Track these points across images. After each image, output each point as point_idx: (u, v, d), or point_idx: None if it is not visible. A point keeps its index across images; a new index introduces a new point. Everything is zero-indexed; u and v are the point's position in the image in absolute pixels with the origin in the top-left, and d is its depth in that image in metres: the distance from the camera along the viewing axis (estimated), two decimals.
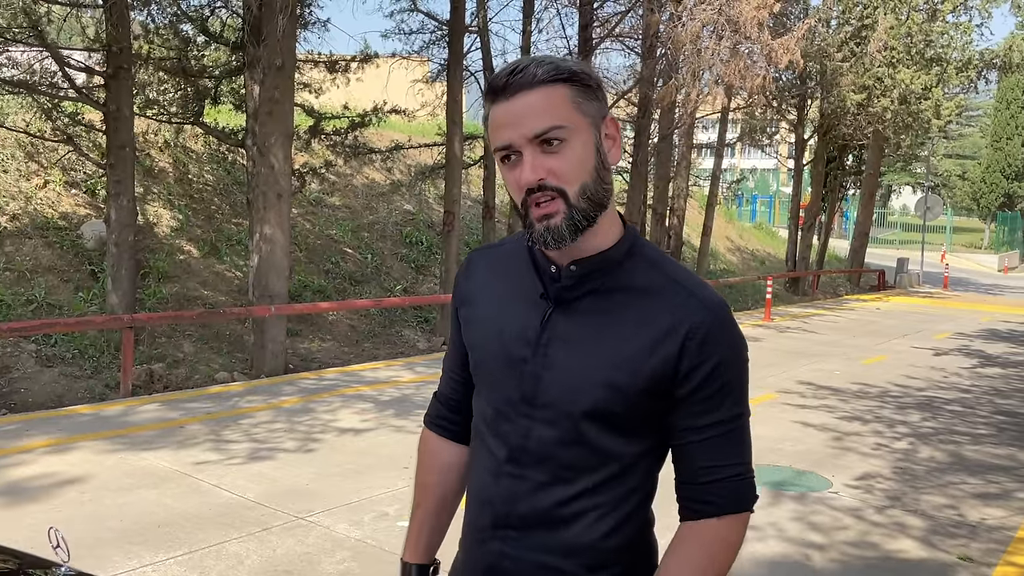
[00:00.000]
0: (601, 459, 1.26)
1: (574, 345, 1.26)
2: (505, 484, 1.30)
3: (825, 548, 4.58)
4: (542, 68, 1.21)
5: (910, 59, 19.40)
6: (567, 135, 1.21)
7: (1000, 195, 45.18)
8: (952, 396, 9.03)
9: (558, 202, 1.21)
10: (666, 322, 1.23)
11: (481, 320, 1.38)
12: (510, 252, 1.39)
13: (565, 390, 1.25)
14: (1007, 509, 5.40)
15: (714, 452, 1.26)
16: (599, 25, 13.62)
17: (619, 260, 1.28)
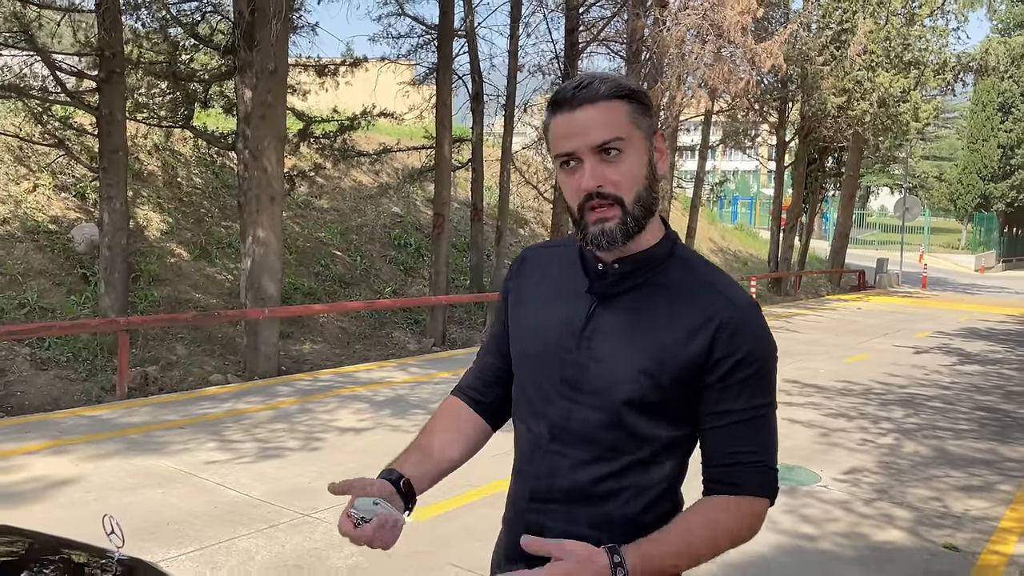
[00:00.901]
0: (638, 442, 1.38)
1: (616, 337, 1.38)
2: (546, 460, 1.42)
3: (817, 539, 4.74)
4: (605, 85, 1.33)
5: (889, 62, 19.73)
6: (624, 147, 1.33)
7: (976, 196, 45.83)
8: (933, 393, 9.25)
9: (615, 209, 1.33)
10: (700, 317, 1.35)
11: (529, 312, 1.49)
12: (560, 251, 1.52)
13: (607, 378, 1.37)
14: (990, 500, 5.58)
15: (737, 438, 1.36)
16: (585, 30, 13.78)
17: (660, 259, 1.40)
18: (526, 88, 14.86)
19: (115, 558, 1.89)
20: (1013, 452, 6.87)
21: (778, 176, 23.50)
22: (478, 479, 4.88)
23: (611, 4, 14.16)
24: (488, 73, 13.76)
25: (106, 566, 1.87)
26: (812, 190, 24.76)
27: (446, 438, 1.57)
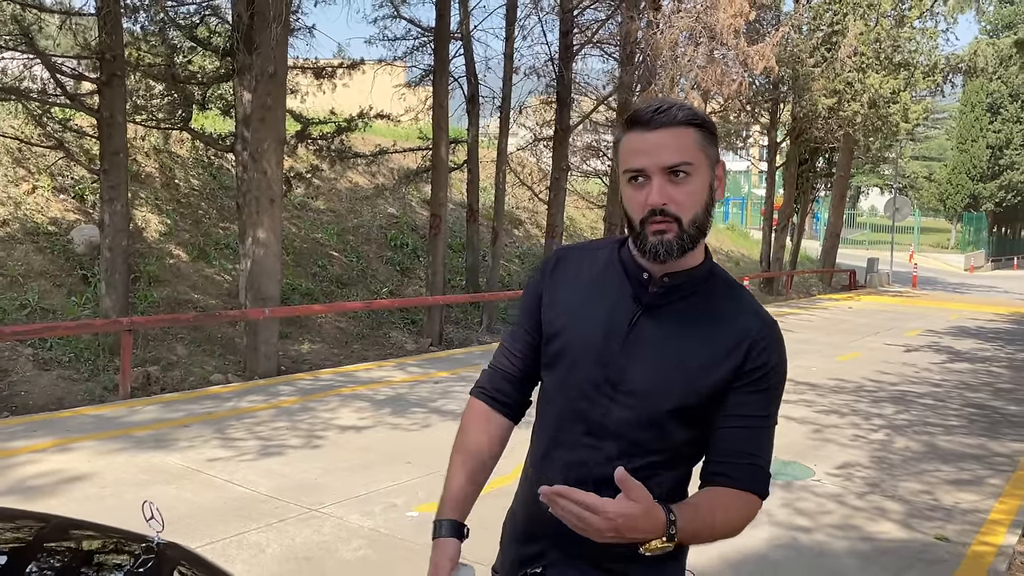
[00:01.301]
0: (668, 442, 1.50)
1: (660, 346, 1.49)
2: (581, 453, 1.52)
3: (812, 531, 4.87)
4: (682, 112, 1.45)
5: (879, 64, 19.92)
6: (691, 171, 1.44)
7: (966, 196, 46.19)
8: (924, 390, 9.42)
9: (673, 226, 1.44)
10: (737, 335, 1.48)
11: (567, 310, 1.58)
12: (601, 256, 1.61)
13: (651, 384, 1.48)
14: (979, 494, 5.73)
15: (747, 439, 1.49)
16: (579, 32, 13.91)
17: (702, 279, 1.52)
18: (521, 90, 15.00)
19: (155, 542, 2.00)
20: (1002, 447, 7.03)
21: (769, 177, 23.69)
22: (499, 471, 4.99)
23: (605, 7, 14.29)
24: (484, 76, 13.88)
25: (147, 549, 1.98)
26: (803, 190, 24.95)
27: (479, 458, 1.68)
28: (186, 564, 2.02)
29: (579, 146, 16.92)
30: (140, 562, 1.95)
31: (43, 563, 1.86)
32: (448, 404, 7.71)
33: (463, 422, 1.74)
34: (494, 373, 1.73)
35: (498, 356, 1.75)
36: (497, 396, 1.71)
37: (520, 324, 1.70)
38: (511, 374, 1.70)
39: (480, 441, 1.68)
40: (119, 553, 2.02)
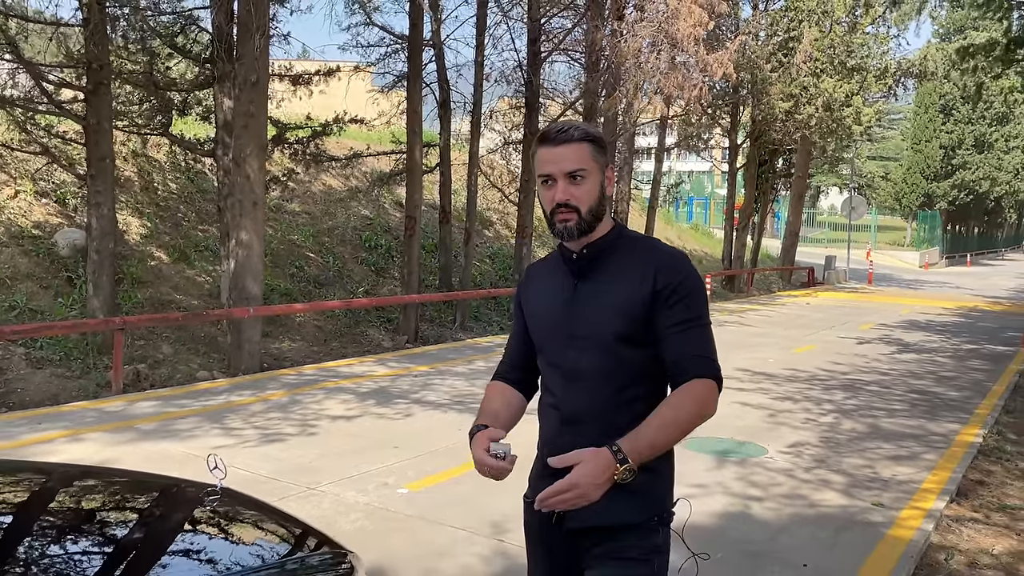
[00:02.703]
0: (626, 365, 1.97)
1: (594, 298, 2.01)
2: (571, 396, 2.01)
3: (763, 500, 5.43)
4: (578, 131, 1.98)
5: (833, 69, 20.73)
6: (585, 175, 1.96)
7: (920, 195, 47.57)
8: (872, 378, 10.07)
9: (573, 214, 1.96)
10: (646, 268, 1.97)
11: (536, 302, 2.13)
12: (549, 262, 2.17)
13: (596, 326, 1.98)
14: (915, 467, 6.34)
15: (683, 341, 1.94)
16: (547, 40, 14.43)
17: (611, 241, 2.03)
18: (491, 95, 15.48)
19: (218, 487, 2.47)
20: (939, 428, 7.67)
21: (731, 177, 24.44)
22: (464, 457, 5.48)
23: (571, 15, 14.83)
24: (455, 82, 14.34)
25: (213, 492, 2.44)
26: (763, 190, 25.76)
27: (503, 410, 2.14)
28: (245, 503, 2.48)
29: None
30: (209, 501, 2.42)
31: (141, 501, 2.32)
32: (428, 395, 8.18)
33: (485, 395, 2.22)
34: (504, 363, 2.26)
35: (505, 352, 2.27)
36: (508, 377, 2.22)
37: (515, 325, 2.25)
38: (516, 362, 2.22)
39: (499, 396, 2.18)
40: (192, 496, 2.48)
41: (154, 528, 2.17)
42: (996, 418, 8.15)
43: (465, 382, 8.97)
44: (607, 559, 1.97)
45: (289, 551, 2.18)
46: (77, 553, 1.86)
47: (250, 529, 2.30)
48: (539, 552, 2.14)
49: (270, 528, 2.31)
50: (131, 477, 2.51)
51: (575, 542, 2.02)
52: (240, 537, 2.23)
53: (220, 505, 2.41)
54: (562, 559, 2.07)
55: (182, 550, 2.04)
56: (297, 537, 2.25)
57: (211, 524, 2.28)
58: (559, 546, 2.06)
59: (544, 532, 2.08)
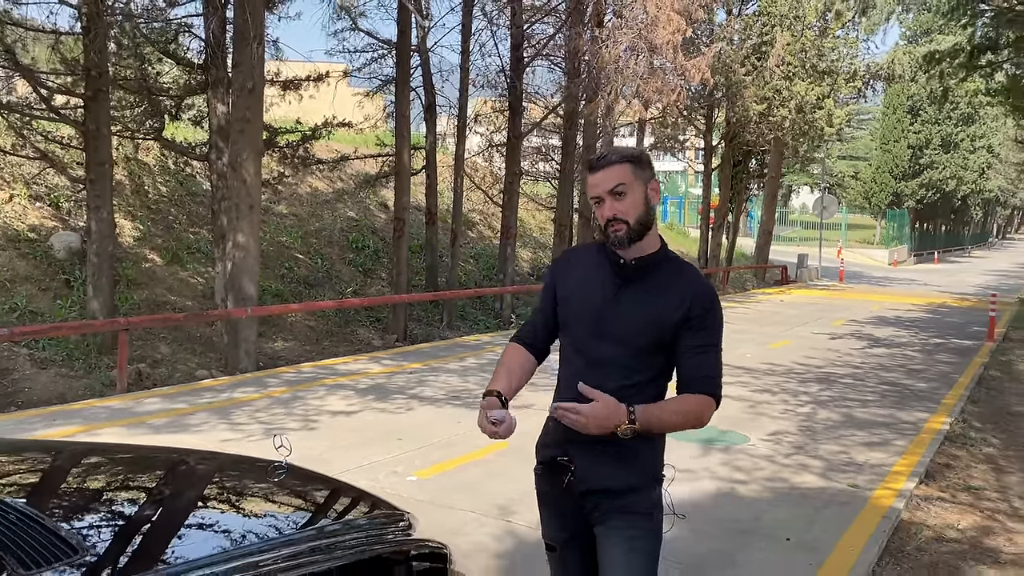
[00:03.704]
0: (645, 366, 2.33)
1: (634, 305, 2.34)
2: (592, 377, 2.31)
3: (747, 483, 5.84)
4: (615, 155, 2.32)
5: (805, 72, 21.30)
6: (626, 190, 2.28)
7: (889, 194, 48.55)
8: (845, 371, 10.56)
9: (623, 226, 2.29)
10: (683, 293, 2.32)
11: (572, 287, 2.41)
12: (591, 252, 2.46)
13: (629, 329, 2.32)
14: (886, 452, 6.79)
15: (697, 361, 2.32)
16: (530, 46, 14.81)
17: (659, 260, 2.37)
18: (476, 99, 15.82)
19: (284, 463, 2.80)
20: (909, 416, 8.14)
21: (706, 178, 24.97)
22: (467, 448, 5.84)
23: (554, 21, 15.22)
24: (441, 87, 14.68)
25: (279, 467, 2.77)
26: (737, 190, 26.33)
27: (516, 374, 2.47)
28: (311, 476, 2.82)
29: (529, 151, 17.81)
30: (276, 475, 2.75)
31: (224, 475, 2.66)
32: (425, 391, 8.53)
33: (503, 354, 2.52)
34: (525, 329, 2.56)
35: (531, 320, 2.58)
36: (525, 340, 2.53)
37: (543, 300, 2.54)
38: (538, 332, 2.52)
39: (517, 358, 2.48)
40: (260, 471, 2.81)
41: (236, 496, 2.51)
42: (962, 407, 8.65)
43: (458, 379, 9.32)
44: (615, 514, 2.31)
45: (354, 511, 2.51)
46: (189, 516, 2.20)
47: (317, 495, 2.64)
48: (553, 515, 2.46)
49: (335, 494, 2.65)
50: (210, 455, 2.84)
51: (584, 503, 2.34)
52: (311, 501, 2.57)
53: (289, 478, 2.74)
54: (574, 519, 2.39)
55: (264, 512, 2.38)
56: (359, 500, 2.59)
57: (284, 492, 2.61)
58: (571, 508, 2.38)
59: (557, 497, 2.40)
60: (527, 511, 4.95)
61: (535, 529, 4.59)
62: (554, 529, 2.48)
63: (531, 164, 18.06)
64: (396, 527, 2.37)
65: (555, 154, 17.77)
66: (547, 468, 2.42)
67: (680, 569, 4.24)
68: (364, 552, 2.00)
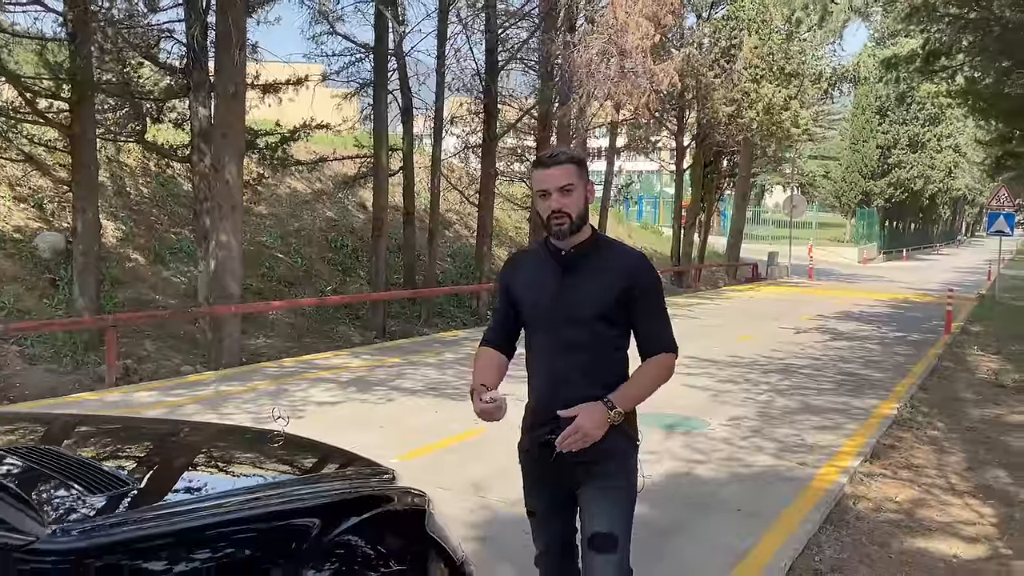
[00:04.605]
0: (602, 339, 2.67)
1: (578, 286, 2.69)
2: (563, 360, 2.66)
3: (705, 463, 6.29)
4: (564, 156, 2.62)
5: (772, 75, 21.89)
6: (572, 188, 2.59)
7: (858, 193, 49.50)
8: (805, 363, 11.07)
9: (566, 219, 2.59)
10: (621, 269, 2.67)
11: (524, 286, 2.72)
12: (529, 254, 2.84)
13: (579, 308, 2.67)
14: (837, 435, 7.27)
15: (649, 327, 2.70)
16: (504, 50, 15.21)
17: (593, 244, 2.72)
18: (453, 102, 16.20)
19: (282, 432, 3.19)
20: (862, 403, 8.65)
21: (678, 178, 25.51)
22: (445, 433, 6.24)
23: (528, 26, 15.64)
24: (418, 90, 15.04)
25: (276, 435, 3.16)
26: (709, 190, 26.91)
27: (494, 373, 2.76)
28: (306, 442, 3.21)
29: (504, 152, 18.23)
30: (276, 442, 3.14)
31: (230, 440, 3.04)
32: (404, 383, 8.91)
33: (477, 356, 2.84)
34: (493, 332, 2.87)
35: (492, 323, 2.90)
36: (493, 342, 2.85)
37: (501, 301, 2.86)
38: (501, 333, 2.84)
39: (488, 357, 2.82)
40: (257, 438, 3.20)
41: (242, 452, 2.90)
42: (912, 394, 9.17)
43: (436, 371, 9.71)
44: (595, 477, 2.62)
45: (346, 466, 2.89)
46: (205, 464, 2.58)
47: (313, 454, 3.02)
48: (538, 485, 2.75)
49: (328, 453, 3.03)
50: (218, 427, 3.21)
51: (572, 473, 2.62)
52: (309, 457, 2.95)
53: (286, 442, 3.12)
54: (557, 487, 2.70)
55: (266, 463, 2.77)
56: (351, 458, 2.97)
57: (284, 451, 2.99)
58: (556, 478, 2.67)
59: (544, 469, 2.68)
60: (499, 488, 5.37)
61: (508, 504, 5.04)
62: (536, 497, 2.78)
63: (506, 165, 18.48)
64: (381, 477, 2.76)
65: (530, 155, 18.20)
66: (537, 446, 2.68)
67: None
68: (352, 492, 2.39)
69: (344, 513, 2.20)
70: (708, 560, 4.42)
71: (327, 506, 2.21)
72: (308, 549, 2.02)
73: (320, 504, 2.23)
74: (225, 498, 2.09)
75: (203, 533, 1.85)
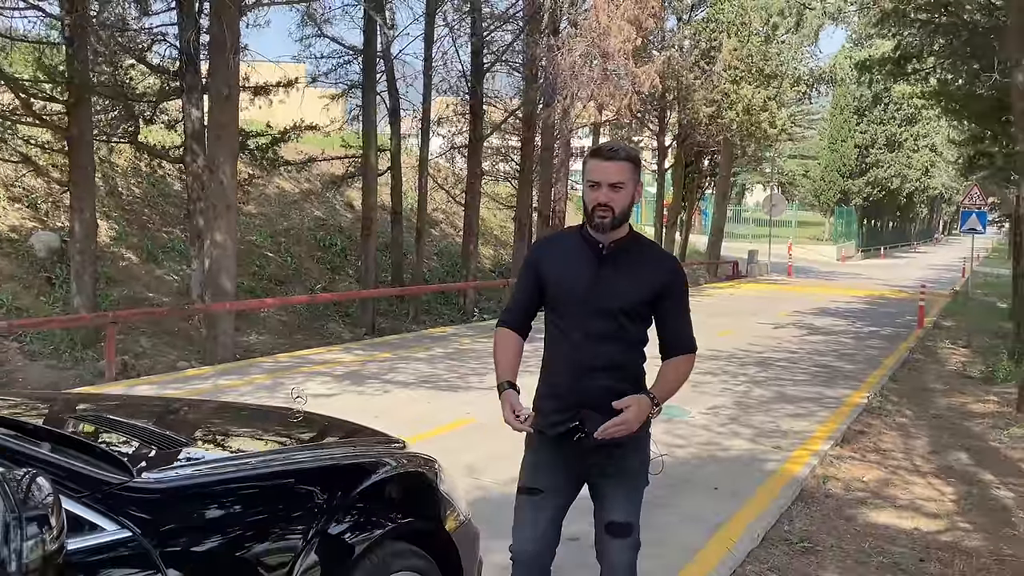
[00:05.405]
0: (628, 333, 2.67)
1: (614, 279, 2.65)
2: (589, 349, 2.65)
3: (685, 447, 6.65)
4: (624, 152, 2.63)
5: (751, 76, 22.36)
6: (623, 186, 2.59)
7: (837, 192, 50.21)
8: (782, 356, 11.48)
9: (609, 213, 2.59)
10: (657, 268, 2.69)
11: (559, 270, 2.71)
12: (570, 237, 2.79)
13: (608, 301, 2.64)
14: (810, 422, 7.66)
15: (677, 325, 2.73)
16: (489, 52, 15.55)
17: (631, 241, 2.71)
18: (438, 101, 16.52)
19: (299, 411, 3.51)
20: (834, 393, 9.06)
21: (660, 177, 25.95)
22: (438, 423, 6.57)
23: (513, 29, 16.00)
24: (405, 92, 15.36)
25: (296, 414, 3.47)
26: (690, 189, 27.37)
27: (515, 360, 2.79)
28: (323, 417, 3.53)
29: (490, 152, 18.58)
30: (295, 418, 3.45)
31: (254, 415, 3.36)
32: (397, 376, 9.23)
33: (496, 339, 2.86)
34: (510, 313, 2.87)
35: (511, 305, 2.89)
36: (512, 324, 2.85)
37: (523, 283, 2.86)
38: (521, 314, 2.85)
39: (511, 342, 2.83)
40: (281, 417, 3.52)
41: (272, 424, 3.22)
42: (883, 385, 9.60)
43: (427, 366, 10.04)
44: (613, 470, 2.74)
45: (361, 434, 3.21)
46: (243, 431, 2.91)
47: (331, 425, 3.34)
48: (551, 466, 2.78)
49: (345, 425, 3.36)
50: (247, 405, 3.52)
51: (585, 457, 2.70)
52: (327, 428, 3.27)
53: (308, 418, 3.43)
54: (570, 471, 2.77)
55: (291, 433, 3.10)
56: (365, 430, 3.30)
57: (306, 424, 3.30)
58: (573, 462, 2.74)
59: (559, 449, 2.73)
60: (492, 470, 5.70)
61: (500, 484, 5.37)
62: (545, 476, 2.79)
63: (492, 165, 18.84)
64: (394, 444, 3.09)
65: (515, 155, 18.56)
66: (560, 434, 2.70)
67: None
68: (375, 455, 2.73)
69: (369, 471, 2.53)
70: (688, 530, 4.78)
71: (355, 465, 2.54)
72: (339, 500, 2.35)
73: (347, 464, 2.56)
74: (266, 455, 2.42)
75: (251, 482, 2.18)
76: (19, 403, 3.03)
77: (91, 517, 1.71)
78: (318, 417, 3.48)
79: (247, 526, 2.05)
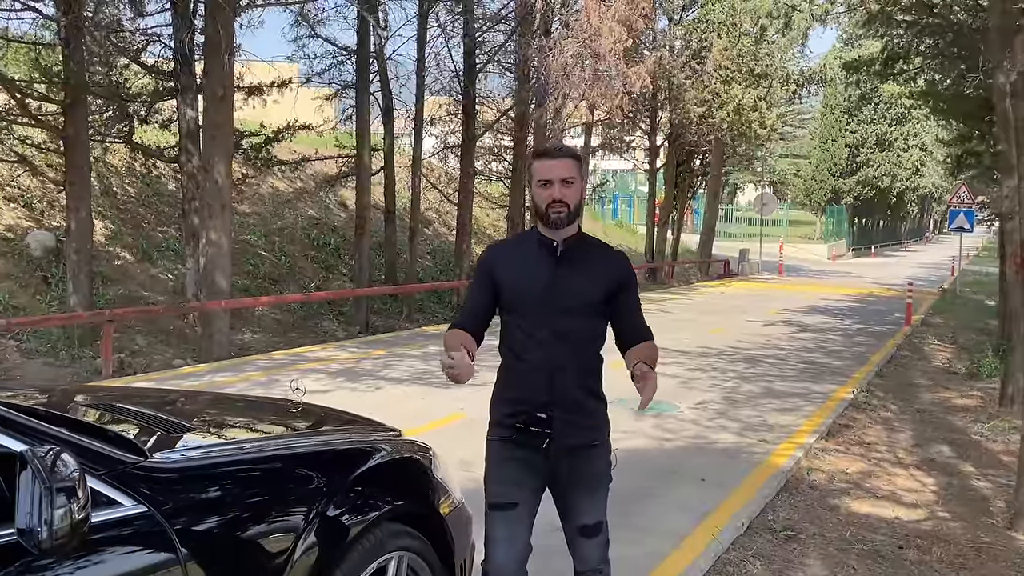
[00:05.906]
0: (590, 330, 2.88)
1: (571, 277, 2.77)
2: (555, 350, 2.67)
3: (674, 440, 6.80)
4: (567, 150, 2.77)
5: (741, 76, 22.54)
6: (573, 181, 2.67)
7: (828, 191, 50.48)
8: (770, 352, 11.65)
9: (564, 208, 2.66)
10: (610, 266, 2.89)
11: (513, 274, 2.73)
12: (519, 240, 2.96)
13: (572, 299, 2.68)
14: (796, 416, 7.82)
15: (632, 321, 2.92)
16: (482, 53, 15.68)
17: (581, 239, 3.01)
18: (431, 101, 16.64)
19: (298, 402, 3.63)
20: (821, 388, 9.22)
21: (651, 177, 26.12)
22: (432, 417, 6.69)
23: (505, 30, 16.13)
24: (399, 91, 15.48)
25: (294, 405, 3.60)
26: (682, 189, 27.55)
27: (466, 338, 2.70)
28: (320, 408, 3.66)
29: (482, 151, 18.72)
30: (294, 409, 3.58)
31: (254, 404, 3.48)
32: (391, 373, 9.35)
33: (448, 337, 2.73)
34: (466, 317, 2.82)
35: (464, 310, 2.86)
36: (467, 328, 2.77)
37: (476, 290, 2.85)
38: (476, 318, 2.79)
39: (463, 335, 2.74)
40: (279, 408, 3.65)
41: (270, 414, 3.35)
42: (869, 380, 9.76)
43: (421, 363, 10.16)
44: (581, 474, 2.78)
45: (359, 423, 3.34)
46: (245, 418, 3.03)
47: (329, 415, 3.47)
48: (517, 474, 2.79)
49: (342, 415, 3.48)
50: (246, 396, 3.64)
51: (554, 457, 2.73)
52: (326, 418, 3.40)
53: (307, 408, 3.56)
54: (535, 477, 2.78)
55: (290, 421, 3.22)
56: (360, 420, 3.42)
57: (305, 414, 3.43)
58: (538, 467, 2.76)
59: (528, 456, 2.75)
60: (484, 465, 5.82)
61: None
62: (517, 487, 2.78)
63: (484, 164, 18.98)
64: (390, 433, 3.22)
65: (507, 154, 18.71)
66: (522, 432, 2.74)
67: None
68: (372, 441, 2.86)
69: (367, 456, 2.66)
70: (675, 518, 4.93)
71: (353, 451, 2.67)
72: (338, 483, 2.48)
73: (345, 449, 2.69)
74: (267, 440, 2.55)
75: (254, 465, 2.31)
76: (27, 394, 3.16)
77: (110, 493, 1.84)
78: (316, 407, 3.60)
79: (251, 506, 2.17)
